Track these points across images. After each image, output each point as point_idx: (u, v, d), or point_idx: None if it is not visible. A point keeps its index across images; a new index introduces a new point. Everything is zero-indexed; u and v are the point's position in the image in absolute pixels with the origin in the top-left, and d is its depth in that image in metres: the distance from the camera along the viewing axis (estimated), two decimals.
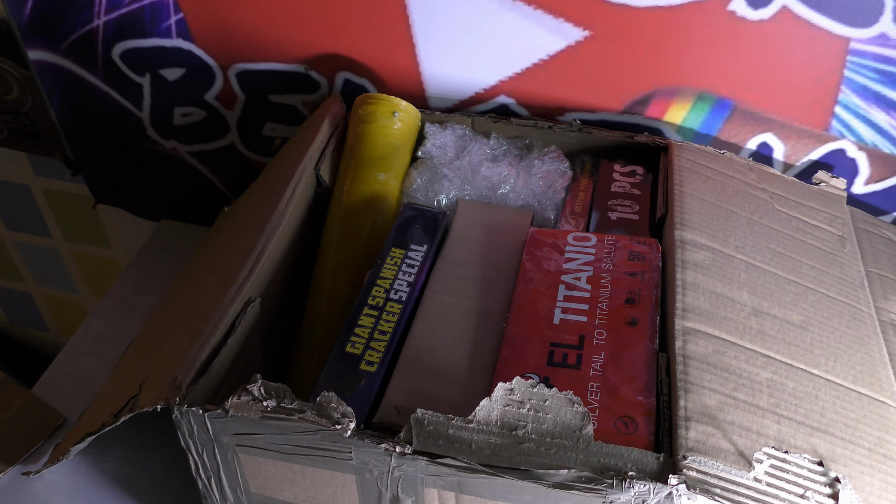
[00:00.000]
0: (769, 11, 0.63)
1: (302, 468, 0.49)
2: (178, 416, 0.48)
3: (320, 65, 0.77)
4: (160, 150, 0.90)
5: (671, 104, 0.71)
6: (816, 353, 0.51)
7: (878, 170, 0.71)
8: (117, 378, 0.61)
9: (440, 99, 0.77)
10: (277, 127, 0.85)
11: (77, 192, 1.03)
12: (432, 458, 0.44)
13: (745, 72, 0.67)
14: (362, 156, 0.69)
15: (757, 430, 0.45)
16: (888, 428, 0.49)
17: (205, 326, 0.51)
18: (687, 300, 0.51)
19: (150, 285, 0.86)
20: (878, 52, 0.64)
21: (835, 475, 0.44)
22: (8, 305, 1.30)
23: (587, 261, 0.58)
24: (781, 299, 0.54)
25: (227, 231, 0.69)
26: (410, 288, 0.58)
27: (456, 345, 0.54)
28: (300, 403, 0.46)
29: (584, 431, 0.43)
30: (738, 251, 0.57)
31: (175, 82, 0.82)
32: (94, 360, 0.77)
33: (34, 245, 1.16)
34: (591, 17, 0.67)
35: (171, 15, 0.76)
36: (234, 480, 0.52)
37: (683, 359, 0.47)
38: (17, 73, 0.87)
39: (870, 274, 0.62)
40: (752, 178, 0.66)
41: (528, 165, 0.70)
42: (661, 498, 0.41)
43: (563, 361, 0.50)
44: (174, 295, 0.67)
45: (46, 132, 0.94)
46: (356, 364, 0.52)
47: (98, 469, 0.66)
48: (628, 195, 0.67)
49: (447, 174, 0.69)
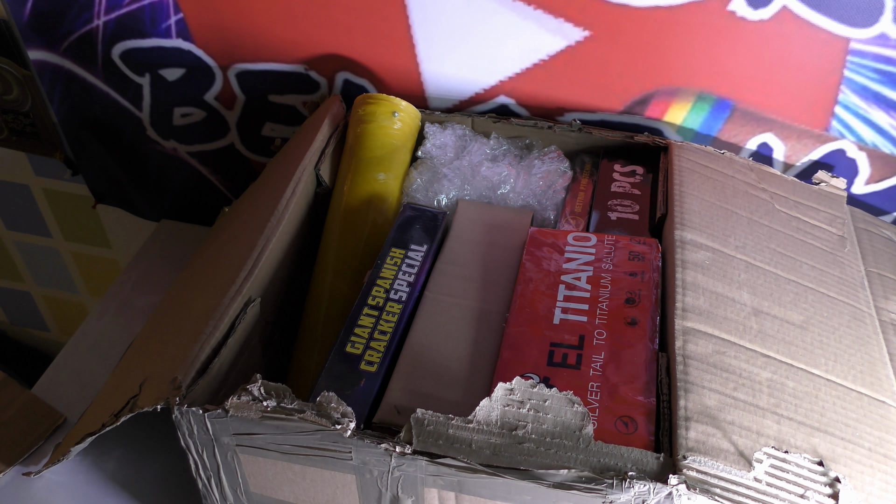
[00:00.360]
0: (769, 11, 0.63)
1: (302, 468, 0.49)
2: (178, 416, 0.48)
3: (320, 65, 0.77)
4: (160, 150, 0.90)
5: (671, 104, 0.71)
6: (816, 353, 0.51)
7: (878, 170, 0.71)
8: (117, 378, 0.61)
9: (440, 99, 0.77)
10: (277, 127, 0.84)
11: (77, 192, 1.03)
12: (432, 458, 0.44)
13: (745, 72, 0.67)
14: (362, 156, 0.69)
15: (757, 430, 0.45)
16: (888, 427, 0.49)
17: (205, 326, 0.51)
18: (687, 300, 0.51)
19: (150, 285, 0.86)
20: (878, 53, 0.64)
21: (835, 475, 0.44)
22: (8, 305, 1.30)
23: (587, 261, 0.58)
24: (781, 299, 0.54)
25: (227, 231, 0.69)
26: (410, 288, 0.58)
27: (456, 345, 0.54)
28: (300, 403, 0.46)
29: (584, 431, 0.43)
30: (738, 251, 0.57)
31: (175, 82, 0.82)
32: (94, 360, 0.77)
33: (34, 245, 1.16)
34: (591, 17, 0.67)
35: (170, 15, 0.76)
36: (234, 480, 0.52)
37: (683, 359, 0.48)
38: (17, 73, 0.87)
39: (870, 273, 0.62)
40: (752, 178, 0.66)
41: (528, 165, 0.70)
42: (661, 498, 0.41)
43: (563, 361, 0.50)
44: (174, 295, 0.67)
45: (46, 132, 0.94)
46: (356, 364, 0.52)
47: (98, 469, 0.66)
48: (628, 195, 0.67)
49: (447, 174, 0.69)
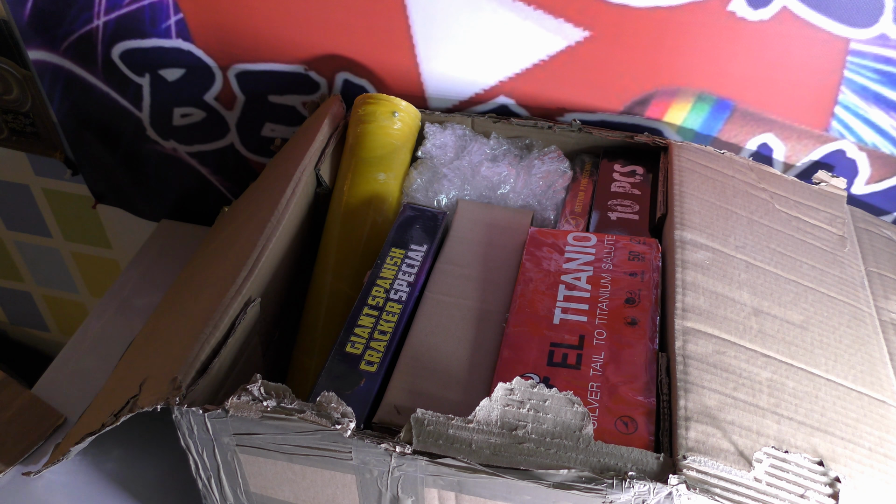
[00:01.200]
0: (769, 12, 0.63)
1: (302, 468, 0.49)
2: (178, 416, 0.48)
3: (320, 65, 0.77)
4: (160, 150, 0.90)
5: (671, 104, 0.71)
6: (817, 353, 0.51)
7: (878, 170, 0.71)
8: (117, 378, 0.61)
9: (440, 99, 0.77)
10: (277, 127, 0.84)
11: (77, 192, 1.03)
12: (432, 458, 0.44)
13: (745, 72, 0.67)
14: (362, 156, 0.69)
15: (757, 430, 0.45)
16: (888, 427, 0.49)
17: (205, 326, 0.51)
18: (687, 300, 0.51)
19: (150, 285, 0.86)
20: (877, 53, 0.64)
21: (835, 475, 0.44)
22: (8, 305, 1.30)
23: (587, 261, 0.58)
24: (781, 299, 0.54)
25: (226, 231, 0.69)
26: (410, 288, 0.58)
27: (456, 345, 0.54)
28: (300, 403, 0.46)
29: (584, 431, 0.43)
30: (738, 251, 0.57)
31: (175, 83, 0.82)
32: (94, 360, 0.77)
33: (34, 245, 1.16)
34: (591, 18, 0.67)
35: (170, 15, 0.76)
36: (234, 480, 0.52)
37: (683, 359, 0.47)
38: (17, 73, 0.87)
39: (870, 273, 0.62)
40: (752, 178, 0.66)
41: (528, 165, 0.70)
42: (661, 498, 0.41)
43: (563, 361, 0.50)
44: (174, 295, 0.67)
45: (46, 132, 0.94)
46: (356, 364, 0.52)
47: (98, 469, 0.66)
48: (628, 195, 0.67)
49: (447, 174, 0.68)
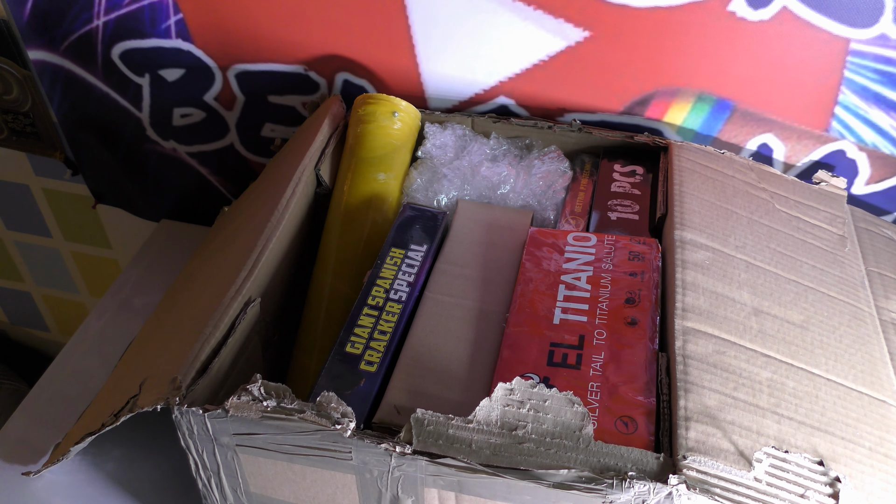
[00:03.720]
0: (769, 12, 0.63)
1: (302, 468, 0.49)
2: (178, 416, 0.48)
3: (320, 65, 0.77)
4: (160, 150, 0.90)
5: (671, 105, 0.71)
6: (817, 353, 0.51)
7: (878, 170, 0.71)
8: (117, 378, 0.61)
9: (440, 99, 0.77)
10: (277, 128, 0.84)
11: (77, 192, 1.03)
12: (432, 458, 0.44)
13: (745, 72, 0.67)
14: (362, 156, 0.69)
15: (757, 430, 0.45)
16: (889, 427, 0.49)
17: (205, 326, 0.51)
18: (687, 300, 0.51)
19: (150, 285, 0.86)
20: (878, 53, 0.64)
21: (835, 475, 0.43)
22: (8, 305, 1.30)
23: (587, 261, 0.58)
24: (782, 299, 0.54)
25: (227, 231, 0.69)
26: (410, 288, 0.58)
27: (456, 345, 0.54)
28: (300, 403, 0.46)
29: (584, 431, 0.43)
30: (738, 251, 0.57)
31: (174, 83, 0.82)
32: (94, 360, 0.77)
33: (34, 245, 1.16)
34: (591, 18, 0.67)
35: (170, 15, 0.76)
36: (234, 480, 0.52)
37: (683, 359, 0.47)
38: (17, 73, 0.87)
39: (870, 273, 0.62)
40: (753, 178, 0.66)
41: (528, 165, 0.70)
42: (661, 498, 0.41)
43: (563, 361, 0.50)
44: (174, 295, 0.67)
45: (46, 132, 0.94)
46: (356, 364, 0.52)
47: (98, 469, 0.66)
48: (628, 195, 0.67)
49: (447, 174, 0.68)
